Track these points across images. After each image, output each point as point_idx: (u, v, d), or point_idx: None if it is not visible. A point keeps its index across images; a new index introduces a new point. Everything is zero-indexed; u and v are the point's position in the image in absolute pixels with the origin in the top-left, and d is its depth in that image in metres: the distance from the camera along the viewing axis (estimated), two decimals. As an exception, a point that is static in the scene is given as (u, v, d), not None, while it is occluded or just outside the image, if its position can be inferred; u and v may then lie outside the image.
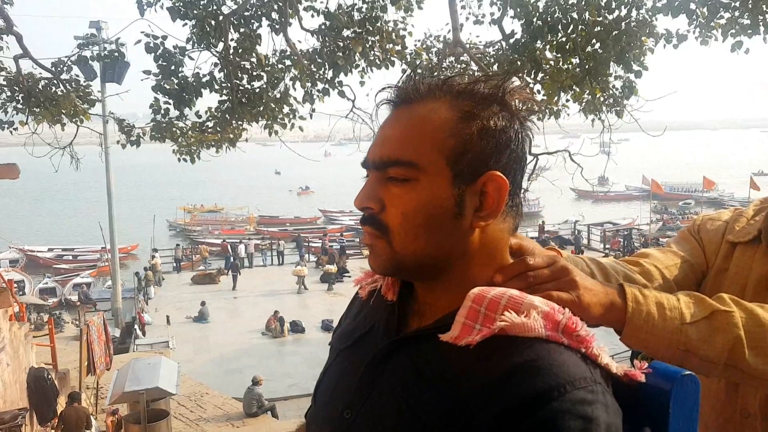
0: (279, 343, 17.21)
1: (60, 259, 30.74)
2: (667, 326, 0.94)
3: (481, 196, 0.82)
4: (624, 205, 45.15)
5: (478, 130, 0.81)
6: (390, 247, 0.82)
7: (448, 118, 0.81)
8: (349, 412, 0.85)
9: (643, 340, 0.93)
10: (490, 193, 0.81)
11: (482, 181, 0.81)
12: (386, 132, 0.85)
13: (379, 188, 0.83)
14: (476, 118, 0.81)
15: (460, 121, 0.81)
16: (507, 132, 0.82)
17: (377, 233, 0.83)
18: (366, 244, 0.86)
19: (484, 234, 0.84)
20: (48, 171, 7.67)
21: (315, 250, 27.88)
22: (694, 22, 6.01)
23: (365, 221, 0.84)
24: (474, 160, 0.81)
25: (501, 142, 0.82)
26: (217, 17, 6.30)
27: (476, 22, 7.05)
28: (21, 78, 6.68)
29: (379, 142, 0.84)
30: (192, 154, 7.26)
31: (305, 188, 58.67)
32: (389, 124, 0.85)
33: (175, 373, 8.64)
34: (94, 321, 10.40)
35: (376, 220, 0.83)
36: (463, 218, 0.81)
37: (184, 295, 21.44)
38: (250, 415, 10.98)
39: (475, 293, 0.79)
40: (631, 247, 25.75)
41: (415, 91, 0.84)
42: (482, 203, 0.82)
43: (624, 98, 6.45)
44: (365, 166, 0.87)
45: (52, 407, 8.16)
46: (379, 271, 0.86)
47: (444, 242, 0.82)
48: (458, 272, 0.84)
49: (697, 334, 0.94)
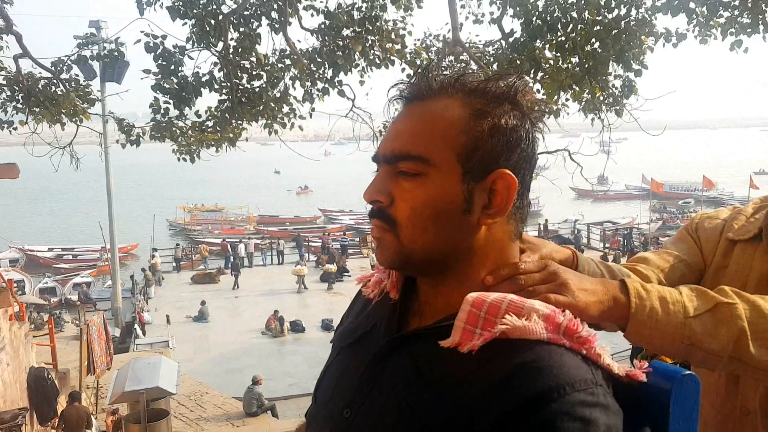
0: (279, 342, 17.21)
1: (60, 258, 30.71)
2: (671, 321, 0.93)
3: (490, 193, 0.82)
4: (623, 205, 45.18)
5: (489, 128, 0.81)
6: (398, 240, 0.83)
7: (461, 115, 0.82)
8: (349, 411, 0.85)
9: (646, 335, 0.93)
10: (499, 191, 0.82)
11: (492, 179, 0.81)
12: (398, 127, 0.85)
13: (389, 182, 0.83)
14: (488, 116, 0.82)
15: (471, 119, 0.81)
16: (518, 131, 0.83)
17: (385, 227, 0.83)
18: (374, 237, 0.86)
19: (490, 233, 0.84)
20: (48, 171, 7.67)
21: (315, 250, 27.90)
22: (693, 20, 6.02)
23: (374, 214, 0.85)
24: (484, 158, 0.81)
25: (511, 140, 0.82)
26: (217, 16, 6.30)
27: (476, 22, 7.06)
28: (21, 77, 6.68)
29: (391, 137, 0.85)
30: (192, 153, 7.26)
31: (304, 188, 58.64)
32: (401, 119, 0.86)
33: (175, 373, 8.64)
34: (94, 320, 10.40)
35: (385, 213, 0.83)
36: (471, 215, 0.82)
37: (183, 295, 21.45)
38: (250, 414, 10.99)
39: (474, 297, 0.78)
40: (631, 247, 25.76)
41: (428, 88, 0.84)
42: (491, 201, 0.82)
43: (623, 97, 6.45)
44: (376, 160, 0.87)
45: (53, 407, 8.16)
46: (386, 265, 0.86)
47: (451, 238, 0.82)
48: (462, 269, 0.84)
49: (701, 327, 0.94)
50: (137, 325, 17.48)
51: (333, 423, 0.87)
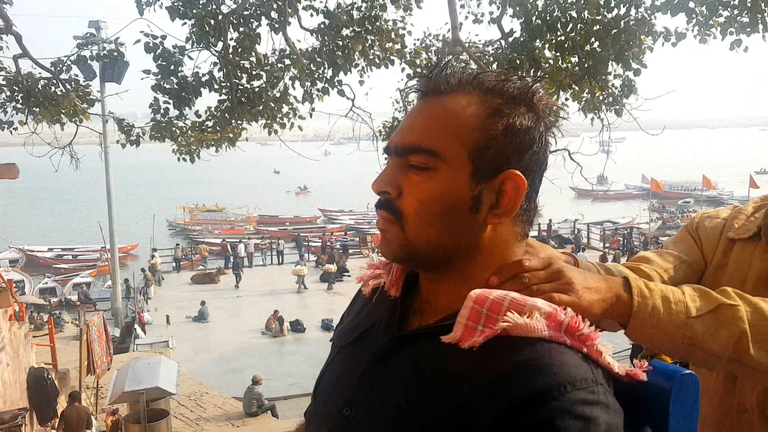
0: (279, 342, 17.21)
1: (60, 258, 30.73)
2: (673, 320, 0.93)
3: (499, 193, 0.82)
4: (624, 204, 45.19)
5: (503, 128, 0.81)
6: (402, 233, 0.83)
7: (476, 113, 0.82)
8: (349, 410, 0.85)
9: (647, 334, 0.93)
10: (508, 192, 0.82)
11: (501, 179, 0.81)
12: (412, 120, 0.85)
13: (399, 174, 0.83)
14: (503, 116, 0.82)
15: (487, 117, 0.81)
16: (531, 133, 0.83)
17: (391, 218, 0.84)
18: (379, 229, 0.86)
19: (496, 232, 0.84)
20: (48, 171, 7.67)
21: (315, 250, 27.89)
22: (693, 20, 6.02)
23: (380, 205, 0.85)
24: (496, 157, 0.81)
25: (524, 142, 0.82)
26: (217, 16, 6.30)
27: (475, 21, 7.05)
28: (20, 78, 6.68)
29: (404, 129, 0.85)
30: (192, 153, 7.26)
31: (303, 188, 58.49)
32: (416, 112, 0.86)
33: (175, 373, 8.64)
34: (93, 320, 10.40)
35: (392, 205, 0.83)
36: (478, 213, 0.82)
37: (183, 294, 21.46)
38: (250, 414, 10.99)
39: (477, 294, 0.78)
40: (631, 246, 25.76)
41: (445, 83, 0.84)
42: (498, 201, 0.82)
43: (623, 97, 6.45)
44: (387, 152, 0.87)
45: (52, 407, 8.16)
46: (390, 257, 0.86)
47: (456, 234, 0.82)
48: (465, 267, 0.84)
49: (702, 327, 0.94)
50: (137, 325, 17.48)
51: (332, 421, 0.87)
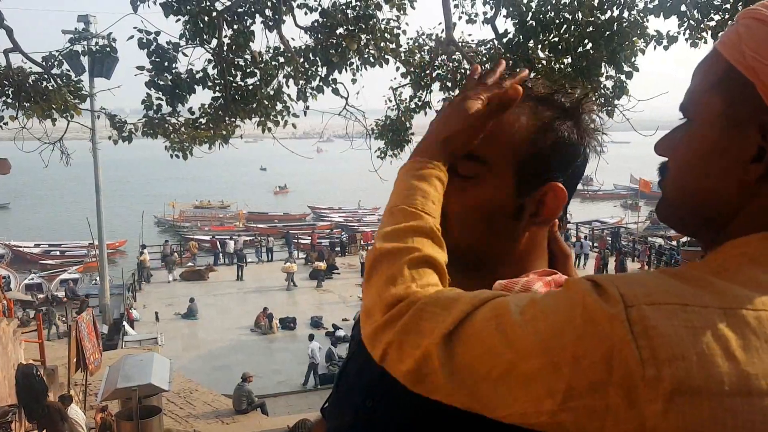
0: (268, 339, 17.19)
1: (47, 254, 30.41)
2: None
3: (539, 203, 0.83)
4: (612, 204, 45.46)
5: (552, 142, 0.82)
6: (444, 232, 0.81)
7: (528, 125, 0.82)
8: (371, 401, 0.86)
9: None
10: (548, 203, 0.83)
11: (544, 190, 0.83)
12: None
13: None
14: (553, 130, 0.82)
15: (537, 130, 0.82)
16: (576, 148, 0.84)
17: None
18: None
19: (531, 237, 0.86)
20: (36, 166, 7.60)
21: (304, 247, 27.82)
22: (684, 23, 6.07)
23: None
24: (541, 169, 0.82)
25: (570, 155, 0.83)
26: (211, 13, 6.27)
27: (469, 21, 7.08)
28: (11, 72, 6.61)
29: None
30: (185, 150, 7.23)
31: (283, 187, 56.82)
32: None
33: (167, 370, 8.59)
34: (83, 317, 10.32)
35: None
36: (519, 221, 0.83)
37: (173, 291, 21.35)
38: (239, 411, 10.98)
39: (503, 284, 0.79)
40: (619, 246, 25.92)
41: None
42: (539, 210, 0.83)
43: (615, 98, 6.50)
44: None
45: (41, 404, 8.08)
46: None
47: (496, 239, 0.84)
48: (497, 269, 0.84)
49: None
50: (126, 322, 17.37)
51: (355, 412, 0.88)
